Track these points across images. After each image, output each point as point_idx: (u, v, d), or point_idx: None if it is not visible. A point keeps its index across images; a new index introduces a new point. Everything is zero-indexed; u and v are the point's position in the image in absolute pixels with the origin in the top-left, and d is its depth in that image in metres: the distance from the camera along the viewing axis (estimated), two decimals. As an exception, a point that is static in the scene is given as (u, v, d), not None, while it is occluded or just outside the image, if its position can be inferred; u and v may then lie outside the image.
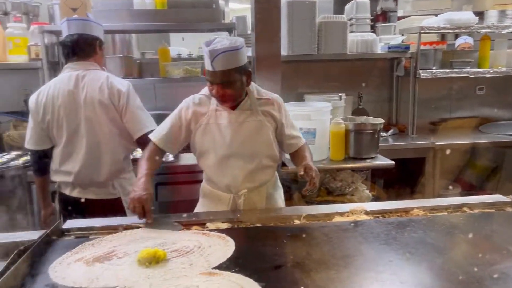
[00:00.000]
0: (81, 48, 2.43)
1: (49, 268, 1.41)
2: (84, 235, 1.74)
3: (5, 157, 3.18)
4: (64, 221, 1.87)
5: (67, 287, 1.30)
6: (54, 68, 3.61)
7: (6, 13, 3.81)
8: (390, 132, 3.96)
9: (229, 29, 3.61)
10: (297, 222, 1.84)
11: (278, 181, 2.31)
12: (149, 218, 1.80)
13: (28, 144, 2.44)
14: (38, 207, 2.86)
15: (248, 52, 3.68)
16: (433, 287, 1.29)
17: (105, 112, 2.38)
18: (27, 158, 3.14)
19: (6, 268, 1.28)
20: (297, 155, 2.17)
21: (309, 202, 2.84)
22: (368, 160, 2.97)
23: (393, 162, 2.92)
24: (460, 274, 1.33)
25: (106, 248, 1.57)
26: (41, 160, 2.46)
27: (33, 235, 1.60)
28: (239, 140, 2.03)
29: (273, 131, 2.10)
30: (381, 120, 3.04)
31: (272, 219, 1.85)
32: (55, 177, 2.49)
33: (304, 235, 1.67)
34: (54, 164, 2.46)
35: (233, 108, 2.04)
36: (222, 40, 1.90)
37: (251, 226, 1.81)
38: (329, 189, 2.94)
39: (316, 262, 1.43)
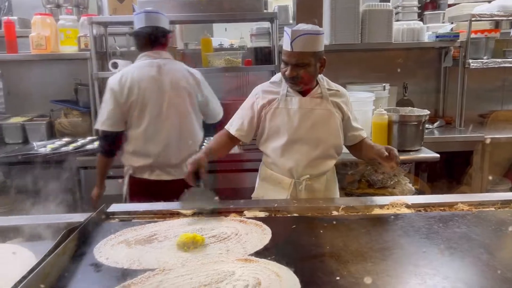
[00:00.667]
0: (158, 39, 2.58)
1: (94, 248, 1.48)
2: (127, 218, 1.80)
3: (56, 143, 3.35)
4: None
5: (110, 267, 1.36)
6: (102, 58, 3.76)
7: (58, 6, 3.99)
8: (436, 124, 3.83)
9: (271, 18, 3.59)
10: (335, 213, 1.82)
11: (335, 173, 2.30)
12: (201, 177, 1.87)
13: (103, 125, 2.49)
14: (86, 188, 2.98)
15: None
16: (478, 285, 1.24)
17: (187, 97, 2.57)
18: (76, 144, 3.30)
19: (55, 247, 1.36)
20: (362, 145, 2.20)
21: (349, 194, 2.81)
22: (411, 153, 2.89)
23: (438, 155, 2.83)
24: (507, 272, 1.28)
25: (148, 231, 1.62)
26: (113, 142, 2.54)
27: (81, 217, 1.68)
28: (307, 126, 2.06)
29: (340, 122, 2.12)
30: (426, 112, 2.94)
31: (309, 210, 1.85)
32: (130, 160, 2.55)
33: (341, 227, 1.65)
34: (130, 147, 2.53)
35: (304, 94, 2.08)
36: (304, 25, 1.98)
37: (288, 215, 1.81)
38: (370, 181, 2.89)
39: (353, 254, 1.41)
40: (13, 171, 3.39)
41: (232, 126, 2.16)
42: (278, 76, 2.15)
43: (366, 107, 2.88)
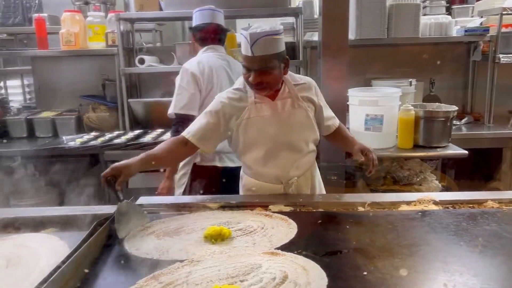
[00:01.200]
0: (221, 36, 2.73)
1: (124, 239, 1.52)
2: (155, 211, 1.84)
3: (85, 137, 3.43)
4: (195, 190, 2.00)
5: (139, 258, 1.39)
6: (129, 54, 3.83)
7: (86, 3, 4.08)
8: (464, 120, 3.75)
9: (296, 13, 3.58)
10: (361, 209, 1.81)
11: (315, 163, 2.22)
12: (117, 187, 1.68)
13: (182, 109, 2.50)
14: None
15: (314, 37, 3.65)
16: (511, 284, 1.22)
17: None
18: (104, 138, 3.37)
19: (87, 237, 1.40)
20: (338, 136, 2.15)
21: (374, 190, 2.79)
22: (438, 149, 2.84)
23: (466, 152, 2.77)
24: (538, 271, 1.25)
25: (175, 224, 1.65)
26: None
27: (111, 209, 1.73)
28: (285, 131, 1.96)
29: (313, 115, 2.04)
30: (454, 108, 2.88)
31: (335, 205, 1.85)
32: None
33: (367, 222, 1.65)
34: None
35: (272, 98, 1.95)
36: (261, 25, 1.83)
37: (314, 210, 1.81)
38: (395, 178, 2.86)
39: (379, 249, 1.41)
40: (43, 164, 3.50)
41: (192, 134, 1.91)
42: (241, 82, 1.99)
43: (392, 102, 2.84)
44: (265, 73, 1.82)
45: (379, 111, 2.79)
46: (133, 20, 3.78)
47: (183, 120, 2.51)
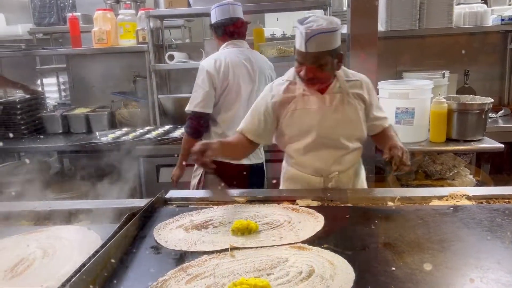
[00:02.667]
0: (242, 29, 2.74)
1: (154, 232, 1.55)
2: (184, 204, 1.87)
3: (117, 133, 3.52)
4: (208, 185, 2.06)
5: (169, 250, 1.42)
6: (159, 51, 3.89)
7: (117, 1, 4.17)
8: (500, 113, 3.61)
9: (324, 6, 3.54)
10: (390, 204, 1.78)
11: (361, 160, 2.19)
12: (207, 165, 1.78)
13: (197, 107, 2.58)
14: (144, 175, 3.10)
15: (343, 29, 3.59)
16: (544, 281, 1.17)
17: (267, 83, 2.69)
18: (135, 134, 3.44)
19: (118, 229, 1.44)
20: (382, 136, 2.07)
21: (405, 185, 2.73)
22: (473, 143, 2.75)
23: (502, 146, 2.67)
24: None
25: (203, 217, 1.67)
26: (202, 124, 2.63)
27: (141, 203, 1.77)
28: (329, 125, 1.95)
29: (363, 113, 2.00)
30: (489, 100, 2.78)
31: (363, 200, 1.82)
32: None
33: (397, 217, 1.62)
34: (219, 129, 2.66)
35: (322, 91, 1.95)
36: (318, 19, 1.79)
37: (342, 205, 1.79)
38: (427, 172, 2.79)
39: (409, 245, 1.38)
40: (78, 158, 3.62)
41: (246, 128, 2.01)
42: (291, 73, 2.00)
43: (424, 95, 2.77)
44: (318, 69, 1.82)
45: (410, 104, 2.73)
46: (163, 17, 3.84)
47: (198, 118, 2.62)
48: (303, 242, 1.43)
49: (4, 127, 3.63)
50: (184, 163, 2.72)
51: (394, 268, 1.24)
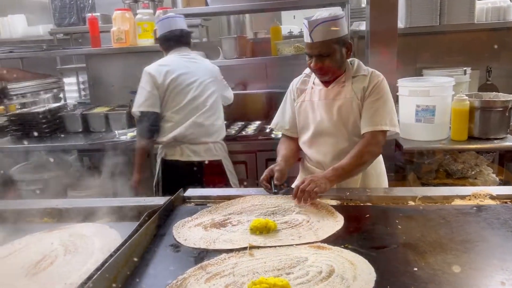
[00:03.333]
0: (183, 39, 2.88)
1: (173, 230, 1.56)
2: (202, 202, 1.87)
3: (135, 132, 3.54)
4: (166, 184, 2.11)
5: (188, 248, 1.42)
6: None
7: (136, 1, 4.20)
8: (524, 110, 3.51)
9: (342, 3, 3.49)
10: (411, 203, 1.75)
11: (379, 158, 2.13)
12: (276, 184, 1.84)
13: (141, 107, 2.71)
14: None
15: (362, 26, 3.56)
16: None
17: (215, 83, 2.88)
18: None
19: (138, 227, 1.45)
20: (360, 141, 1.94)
21: (425, 184, 2.68)
22: (496, 141, 2.69)
23: (527, 144, 2.60)
24: None
25: (222, 215, 1.67)
26: (151, 124, 2.72)
27: (160, 201, 1.78)
28: (329, 118, 1.99)
29: (359, 109, 1.97)
30: (513, 97, 2.71)
31: (384, 199, 1.79)
32: (163, 142, 2.77)
33: (418, 217, 1.59)
34: (168, 124, 2.74)
35: (327, 84, 2.00)
36: (322, 12, 1.89)
37: (362, 204, 1.77)
38: (448, 171, 2.74)
39: (431, 245, 1.36)
40: (97, 157, 3.66)
41: (280, 126, 2.16)
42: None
43: (444, 92, 2.72)
44: (326, 59, 1.88)
45: (430, 102, 2.68)
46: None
47: (145, 118, 2.72)
48: (323, 241, 1.42)
49: (28, 126, 3.70)
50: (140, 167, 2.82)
51: (416, 269, 1.22)
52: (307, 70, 2.09)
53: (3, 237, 1.60)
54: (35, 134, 3.64)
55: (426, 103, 2.68)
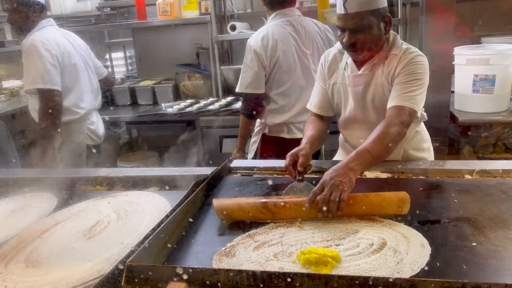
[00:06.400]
0: None
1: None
2: (248, 173, 1.86)
3: (181, 104, 3.59)
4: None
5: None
6: (221, 21, 3.87)
7: (181, -28, 4.17)
8: None
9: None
10: (468, 177, 1.66)
11: (424, 137, 1.99)
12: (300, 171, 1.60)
13: (248, 88, 2.51)
14: (207, 145, 3.14)
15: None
16: None
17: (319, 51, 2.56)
18: (199, 105, 3.50)
19: (187, 195, 1.46)
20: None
21: (482, 158, 2.54)
22: (562, 113, 2.49)
23: None
24: None
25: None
26: (256, 104, 2.55)
27: (207, 171, 1.79)
28: (361, 107, 1.84)
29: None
30: None
31: (438, 172, 1.71)
32: (269, 119, 2.58)
33: (476, 191, 1.50)
34: (271, 106, 2.56)
35: (360, 65, 1.80)
36: None
37: (414, 178, 1.70)
38: (507, 145, 2.58)
39: (490, 220, 1.28)
40: (145, 129, 3.76)
41: (312, 104, 1.97)
42: None
43: (506, 61, 2.53)
44: (360, 33, 1.65)
45: (490, 71, 2.50)
46: (225, -14, 3.80)
47: (251, 98, 2.53)
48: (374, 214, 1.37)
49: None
50: (244, 145, 2.67)
51: (474, 244, 1.15)
52: (339, 45, 1.86)
53: (60, 203, 1.67)
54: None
55: (485, 72, 2.51)
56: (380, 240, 1.20)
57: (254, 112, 2.55)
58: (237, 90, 2.58)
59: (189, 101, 3.70)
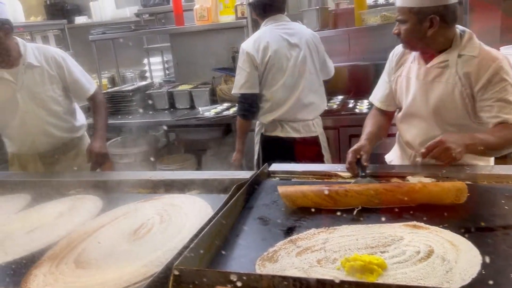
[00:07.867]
0: (279, 4, 2.73)
1: (261, 203, 1.56)
2: (287, 177, 1.86)
3: (218, 108, 3.63)
4: (266, 159, 2.11)
5: (276, 222, 1.41)
6: (257, 25, 3.88)
7: (217, -22, 4.22)
8: None
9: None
10: (519, 182, 1.59)
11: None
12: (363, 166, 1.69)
13: (242, 89, 2.64)
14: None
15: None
16: None
17: (314, 55, 2.73)
18: (235, 109, 3.51)
19: (229, 198, 1.47)
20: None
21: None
22: None
23: None
24: None
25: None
26: (252, 104, 2.68)
27: (246, 175, 1.79)
28: (424, 100, 1.80)
29: (468, 97, 1.73)
30: None
31: (486, 177, 1.64)
32: (263, 119, 2.72)
33: (528, 198, 1.43)
34: (267, 103, 2.68)
35: (427, 60, 1.80)
36: None
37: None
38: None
39: (547, 229, 1.22)
40: (182, 132, 3.82)
41: (376, 98, 2.03)
42: None
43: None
44: (401, 26, 1.76)
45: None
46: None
47: (247, 99, 2.66)
48: (419, 220, 1.33)
49: (118, 103, 3.95)
50: (242, 146, 2.78)
51: (528, 253, 1.10)
52: None
53: (105, 205, 1.72)
54: (126, 110, 3.88)
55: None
56: (427, 247, 1.16)
57: (249, 113, 2.68)
58: (233, 92, 2.72)
59: (225, 105, 3.74)
